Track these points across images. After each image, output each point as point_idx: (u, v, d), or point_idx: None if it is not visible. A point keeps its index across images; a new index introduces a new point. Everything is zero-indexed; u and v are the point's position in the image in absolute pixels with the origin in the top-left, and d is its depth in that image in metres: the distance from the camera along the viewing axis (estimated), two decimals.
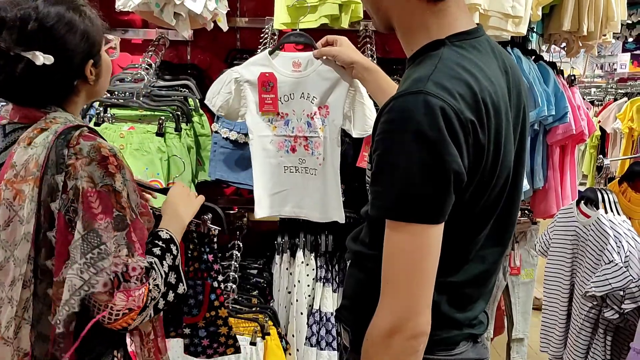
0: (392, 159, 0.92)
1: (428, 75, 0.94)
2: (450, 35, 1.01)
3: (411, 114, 0.90)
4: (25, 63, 1.10)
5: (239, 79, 1.75)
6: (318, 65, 1.71)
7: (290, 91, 1.75)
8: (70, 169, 1.09)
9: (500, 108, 0.99)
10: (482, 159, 0.97)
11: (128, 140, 2.11)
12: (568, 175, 2.61)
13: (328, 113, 1.75)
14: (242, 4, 2.52)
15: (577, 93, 2.61)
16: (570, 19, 2.37)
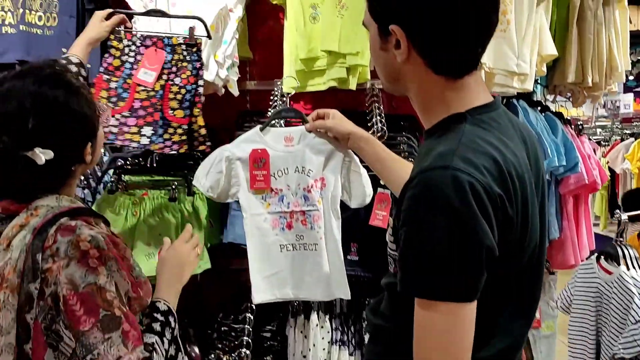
0: (422, 236, 0.91)
1: (453, 150, 0.94)
2: (470, 108, 1.02)
3: (440, 190, 0.90)
4: (24, 161, 1.08)
5: (230, 157, 1.70)
6: (311, 138, 1.70)
7: (284, 166, 1.72)
8: (47, 274, 1.03)
9: (525, 180, 0.99)
10: (511, 233, 0.96)
11: (142, 207, 2.13)
12: (583, 224, 2.59)
13: (325, 185, 1.72)
14: (252, 68, 2.58)
15: (586, 142, 2.62)
16: (574, 71, 2.41)
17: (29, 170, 1.09)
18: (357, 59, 2.09)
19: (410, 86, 1.06)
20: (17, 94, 1.10)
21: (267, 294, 1.76)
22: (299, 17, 2.12)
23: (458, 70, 1.01)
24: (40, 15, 2.15)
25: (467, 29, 0.97)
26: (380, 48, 1.04)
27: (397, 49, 1.00)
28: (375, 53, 1.07)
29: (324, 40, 2.08)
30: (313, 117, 1.68)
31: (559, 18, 2.44)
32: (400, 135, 2.30)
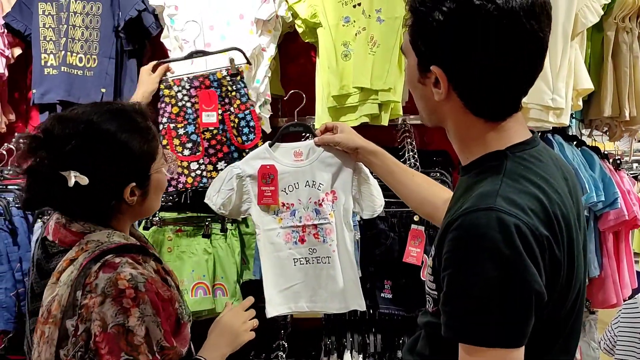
0: (467, 280, 0.89)
1: (496, 190, 0.92)
2: (510, 146, 0.99)
3: (485, 232, 0.88)
4: (59, 181, 1.08)
5: (241, 174, 1.73)
6: (320, 152, 1.71)
7: (294, 181, 1.74)
8: (84, 310, 1.03)
9: (570, 219, 0.97)
10: (559, 275, 0.93)
11: (175, 243, 2.14)
12: (624, 262, 2.50)
13: (336, 198, 1.73)
14: (284, 105, 2.61)
15: (625, 177, 2.55)
16: (610, 105, 2.36)
17: (65, 192, 1.09)
18: (389, 95, 2.10)
19: (447, 122, 1.05)
20: (77, 118, 1.13)
21: (283, 307, 1.77)
22: (331, 55, 2.15)
23: (499, 115, 1.00)
24: (81, 57, 2.23)
25: (512, 78, 0.95)
26: (419, 81, 1.03)
27: (436, 87, 0.99)
28: (413, 83, 1.06)
29: (356, 77, 2.10)
30: (321, 131, 1.69)
31: (594, 52, 2.42)
32: (433, 170, 2.28)
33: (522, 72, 0.95)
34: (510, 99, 0.98)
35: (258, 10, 2.10)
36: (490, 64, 0.93)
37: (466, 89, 0.97)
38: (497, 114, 1.00)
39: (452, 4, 0.92)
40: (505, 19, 0.90)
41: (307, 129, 1.84)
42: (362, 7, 2.12)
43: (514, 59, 0.93)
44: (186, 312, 1.19)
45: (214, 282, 2.14)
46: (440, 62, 0.97)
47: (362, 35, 2.11)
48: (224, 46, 2.10)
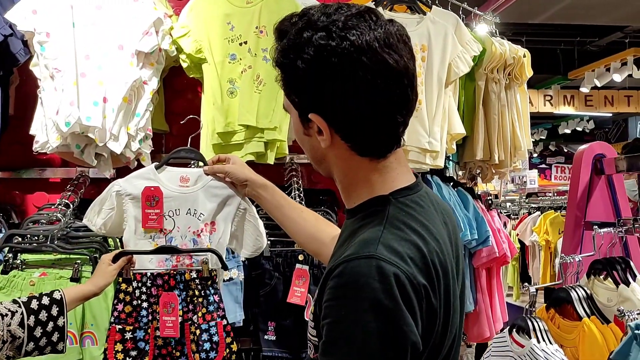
0: (346, 329, 0.87)
1: (378, 238, 0.92)
2: (394, 191, 1.01)
3: (365, 281, 0.87)
4: None
5: (121, 192, 1.68)
6: (207, 181, 1.68)
7: (176, 207, 1.69)
8: None
9: (447, 268, 0.98)
10: (435, 323, 0.94)
11: (39, 288, 1.94)
12: (497, 296, 2.66)
13: (214, 230, 1.70)
14: (168, 140, 2.52)
15: (496, 217, 2.73)
16: (482, 149, 2.54)
17: None
18: (275, 133, 2.10)
19: (334, 168, 1.05)
20: None
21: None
22: (217, 91, 2.12)
23: (382, 151, 1.01)
24: None
25: (385, 112, 0.97)
26: (304, 133, 1.03)
27: (320, 135, 0.99)
28: (299, 137, 1.06)
29: (242, 114, 2.08)
30: (213, 161, 1.67)
31: (467, 99, 2.61)
32: (319, 209, 2.29)
33: (394, 103, 0.97)
34: (390, 132, 1.00)
35: (139, 43, 2.02)
36: (361, 101, 0.94)
37: (346, 130, 0.98)
38: (379, 150, 1.01)
39: (310, 49, 0.93)
40: (363, 54, 0.92)
41: (199, 156, 1.79)
42: (248, 45, 2.13)
43: (381, 92, 0.95)
44: None
45: (82, 330, 1.96)
46: (316, 109, 0.97)
47: (248, 73, 2.11)
48: (102, 77, 2.00)
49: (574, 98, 9.67)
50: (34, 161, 2.42)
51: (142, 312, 1.75)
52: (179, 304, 1.71)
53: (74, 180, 2.32)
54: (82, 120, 1.93)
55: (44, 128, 2.03)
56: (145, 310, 1.75)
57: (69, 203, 2.15)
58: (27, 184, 2.46)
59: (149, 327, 1.74)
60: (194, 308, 1.73)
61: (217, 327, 1.71)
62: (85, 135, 1.99)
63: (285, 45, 0.98)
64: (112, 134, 2.00)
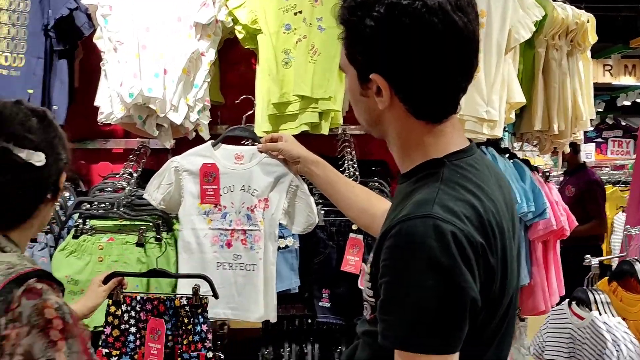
0: (404, 288, 0.89)
1: (433, 198, 0.93)
2: (448, 154, 1.01)
3: (421, 240, 0.88)
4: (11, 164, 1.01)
5: (179, 168, 1.72)
6: (261, 158, 1.71)
7: (230, 183, 1.73)
8: (5, 342, 0.91)
9: (504, 228, 0.98)
10: (493, 281, 0.95)
11: (107, 252, 2.05)
12: (553, 270, 2.60)
13: (267, 206, 1.73)
14: (223, 112, 2.57)
15: (553, 189, 2.66)
16: (540, 120, 2.47)
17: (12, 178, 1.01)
18: (330, 104, 2.11)
19: (389, 131, 1.05)
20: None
21: None
22: (272, 62, 2.14)
23: (439, 115, 1.01)
24: (7, 55, 2.11)
25: (449, 75, 0.97)
26: (360, 94, 1.03)
27: (378, 96, 1.00)
28: (355, 98, 1.06)
29: (297, 85, 2.10)
30: (266, 140, 1.69)
31: (526, 68, 2.52)
32: (372, 180, 2.30)
33: (458, 67, 0.97)
34: (450, 96, 1.00)
35: (197, 14, 2.06)
36: (426, 62, 0.95)
37: (407, 91, 0.98)
38: (437, 113, 1.01)
39: (381, 7, 0.94)
40: (434, 15, 0.92)
41: (252, 134, 1.83)
42: (303, 15, 2.12)
43: (448, 55, 0.95)
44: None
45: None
46: (379, 69, 0.97)
47: (303, 43, 2.11)
48: (162, 50, 2.05)
49: (635, 68, 9.18)
50: (98, 132, 2.51)
51: (130, 337, 1.73)
52: (167, 330, 1.71)
53: (136, 150, 2.41)
54: (144, 92, 1.99)
55: (109, 99, 2.11)
56: (133, 335, 1.74)
57: (132, 172, 2.24)
58: (92, 154, 2.57)
59: (136, 354, 1.71)
60: (182, 334, 1.71)
61: (198, 359, 1.68)
62: (147, 107, 2.06)
63: (352, 3, 0.98)
64: (172, 105, 2.06)
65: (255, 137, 1.81)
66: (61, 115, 2.21)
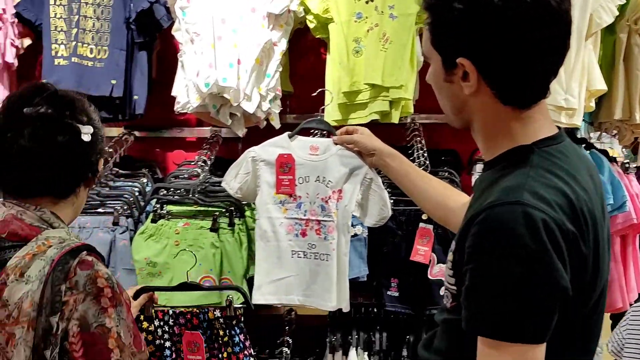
0: (492, 275, 0.88)
1: (523, 184, 0.91)
2: (537, 141, 0.99)
3: (511, 227, 0.87)
4: (68, 136, 1.09)
5: (256, 158, 1.75)
6: (336, 150, 1.72)
7: (306, 174, 1.75)
8: (65, 307, 0.98)
9: (596, 217, 0.96)
10: (584, 272, 0.93)
11: (183, 236, 2.13)
12: (632, 266, 2.49)
13: (341, 198, 1.73)
14: (292, 102, 2.60)
15: (634, 181, 2.54)
16: (621, 108, 2.35)
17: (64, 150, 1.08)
18: (401, 92, 2.09)
19: (474, 117, 1.04)
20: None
21: (272, 297, 1.78)
22: (342, 51, 2.15)
23: (527, 100, 0.99)
24: (91, 48, 2.23)
25: (540, 58, 0.95)
26: (445, 80, 1.02)
27: (465, 81, 0.98)
28: (438, 84, 1.05)
29: (367, 73, 2.10)
30: (342, 132, 1.70)
31: (606, 54, 2.41)
32: (442, 170, 2.28)
33: (550, 50, 0.95)
34: (540, 80, 0.98)
35: (270, 4, 2.10)
36: (516, 44, 0.93)
37: (495, 75, 0.97)
38: (526, 98, 0.99)
39: None
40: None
41: (328, 127, 1.84)
42: (374, 3, 2.12)
43: (539, 35, 0.92)
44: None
45: (221, 277, 2.13)
46: (467, 53, 0.96)
47: (375, 31, 2.11)
48: (236, 40, 2.10)
49: None
50: (172, 122, 2.61)
51: (166, 352, 1.74)
52: (203, 343, 1.70)
53: (209, 139, 2.48)
54: (219, 82, 2.05)
55: (185, 89, 2.18)
56: (169, 349, 1.74)
57: (206, 160, 2.31)
58: (167, 142, 2.67)
59: None
60: (219, 348, 1.71)
61: None
62: (221, 96, 2.12)
63: None
64: (246, 94, 2.11)
65: (331, 129, 1.82)
66: (141, 104, 2.31)
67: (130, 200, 2.23)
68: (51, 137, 1.08)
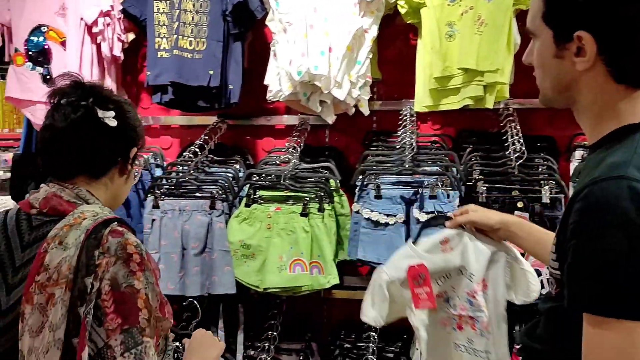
0: (596, 250, 0.86)
1: (629, 160, 0.89)
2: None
3: (615, 201, 0.85)
4: (94, 120, 1.20)
5: (389, 280, 1.54)
6: (466, 240, 1.52)
7: (445, 271, 1.55)
8: (98, 269, 1.09)
9: None
10: None
11: (275, 220, 2.21)
12: None
13: (486, 287, 1.53)
14: (379, 88, 2.61)
15: None
16: None
17: (93, 135, 1.21)
18: (497, 76, 2.04)
19: (581, 96, 1.01)
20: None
21: None
22: (435, 35, 2.12)
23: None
24: (191, 40, 2.34)
25: None
26: (555, 55, 0.99)
27: (579, 56, 0.96)
28: (545, 61, 1.02)
29: (461, 57, 2.06)
30: (455, 214, 1.55)
31: None
32: (537, 156, 2.20)
33: None
34: None
35: None
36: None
37: (615, 51, 0.93)
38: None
39: None
40: None
41: (442, 217, 1.63)
42: None
43: None
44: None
45: (311, 260, 2.19)
46: (587, 26, 0.93)
47: (469, 14, 2.07)
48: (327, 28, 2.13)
49: None
50: (262, 110, 2.69)
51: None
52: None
53: (298, 126, 2.54)
54: (310, 70, 2.09)
55: (277, 78, 2.25)
56: None
57: (296, 147, 2.37)
58: (257, 130, 2.76)
59: None
60: None
61: None
62: (312, 84, 2.16)
63: None
64: (336, 82, 2.14)
65: (445, 217, 1.62)
66: (236, 93, 2.40)
67: (225, 185, 2.33)
68: (79, 121, 1.20)
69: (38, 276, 1.09)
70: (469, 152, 2.27)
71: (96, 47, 2.49)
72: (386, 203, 2.13)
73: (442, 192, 2.09)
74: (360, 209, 2.20)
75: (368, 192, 2.15)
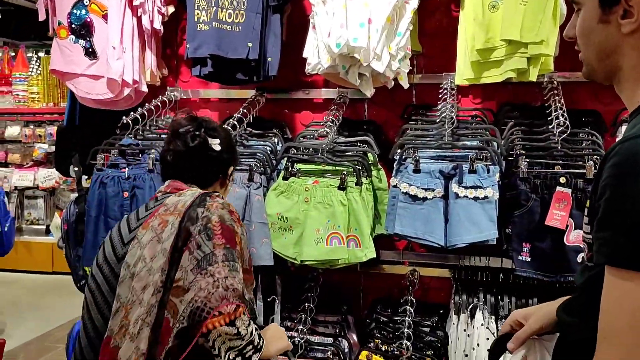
0: (624, 204, 0.86)
1: None
2: None
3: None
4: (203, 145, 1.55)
5: None
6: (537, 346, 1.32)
7: None
8: (208, 205, 1.40)
9: None
10: None
11: (312, 194, 2.21)
12: None
13: None
14: (418, 61, 2.56)
15: None
16: None
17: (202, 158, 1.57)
18: (541, 48, 1.98)
19: (624, 61, 1.00)
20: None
21: None
22: (478, 6, 2.06)
23: None
24: (230, 12, 2.33)
25: None
26: (600, 20, 0.99)
27: (626, 18, 0.95)
28: (589, 28, 1.02)
29: (505, 28, 2.00)
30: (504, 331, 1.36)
31: None
32: (582, 131, 2.14)
33: None
34: None
35: None
36: None
37: None
38: None
39: None
40: None
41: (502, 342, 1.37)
42: None
43: None
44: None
45: (348, 233, 2.19)
46: None
47: None
48: None
49: None
50: (300, 83, 2.69)
51: None
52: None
53: (336, 100, 2.53)
54: (349, 42, 2.06)
55: (316, 50, 2.23)
56: None
57: (334, 120, 2.36)
58: (295, 103, 2.75)
59: None
60: None
61: None
62: (351, 56, 2.13)
63: None
64: (376, 54, 2.11)
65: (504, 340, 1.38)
66: (274, 66, 2.39)
67: (263, 158, 2.35)
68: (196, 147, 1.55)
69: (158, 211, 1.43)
70: (511, 126, 2.22)
71: (137, 20, 2.52)
72: (425, 177, 2.11)
73: (482, 167, 2.05)
74: (398, 183, 2.19)
75: (406, 166, 2.13)
